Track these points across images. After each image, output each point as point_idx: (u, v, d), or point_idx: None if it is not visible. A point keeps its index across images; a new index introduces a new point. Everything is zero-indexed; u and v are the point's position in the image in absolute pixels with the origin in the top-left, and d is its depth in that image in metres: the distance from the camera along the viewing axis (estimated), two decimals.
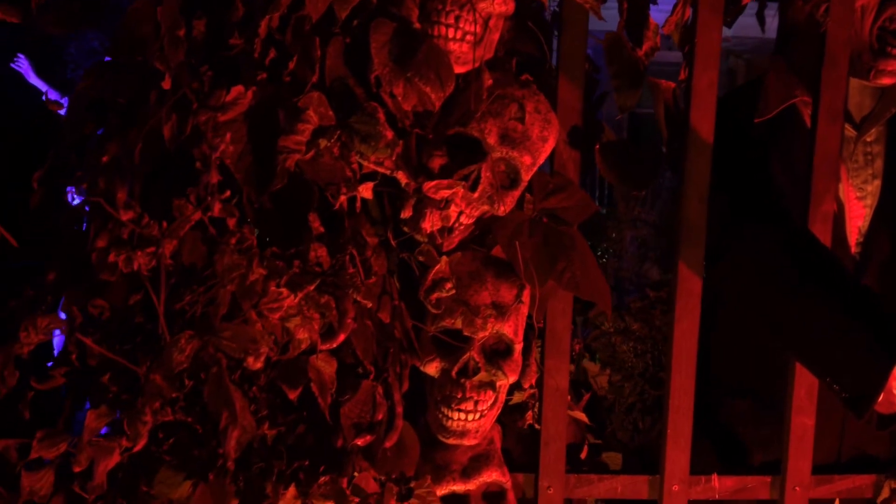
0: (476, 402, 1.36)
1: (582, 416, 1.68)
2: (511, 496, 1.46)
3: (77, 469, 0.91)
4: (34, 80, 5.47)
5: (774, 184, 1.69)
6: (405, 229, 1.36)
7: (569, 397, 1.64)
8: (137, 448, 0.90)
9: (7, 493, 1.00)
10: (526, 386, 1.62)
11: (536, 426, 1.64)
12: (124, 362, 0.91)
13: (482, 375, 1.31)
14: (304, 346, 1.07)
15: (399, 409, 1.24)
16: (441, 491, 1.39)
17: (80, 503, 0.94)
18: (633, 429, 5.12)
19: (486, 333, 1.31)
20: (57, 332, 1.12)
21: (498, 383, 1.36)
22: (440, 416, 1.37)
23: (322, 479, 1.02)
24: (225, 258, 0.93)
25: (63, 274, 0.98)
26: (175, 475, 0.97)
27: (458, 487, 1.39)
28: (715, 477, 1.64)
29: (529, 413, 1.68)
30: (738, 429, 1.74)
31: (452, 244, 1.38)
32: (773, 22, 1.76)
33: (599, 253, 7.02)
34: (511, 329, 1.36)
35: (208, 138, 1.07)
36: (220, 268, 0.92)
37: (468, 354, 1.34)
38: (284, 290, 0.97)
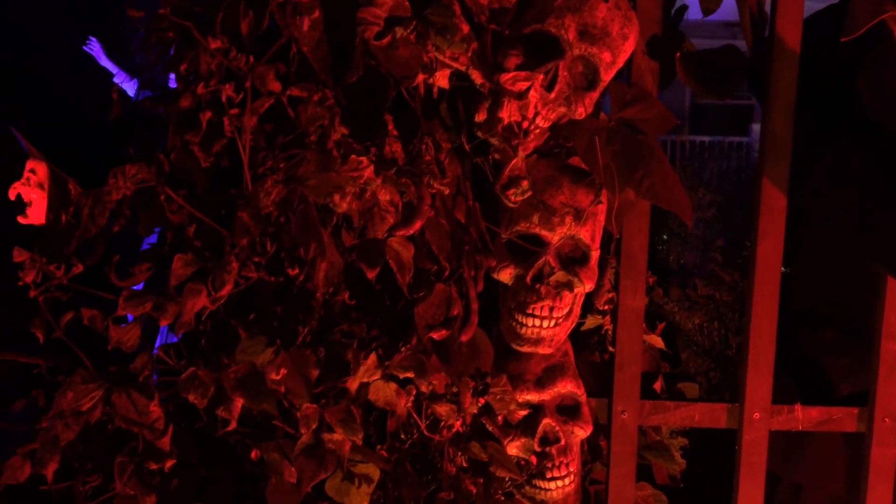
0: (551, 309, 1.32)
1: (658, 341, 1.63)
2: (586, 410, 1.42)
3: (163, 322, 0.91)
4: (105, 62, 5.63)
5: (862, 103, 1.61)
6: (479, 134, 1.33)
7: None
8: (222, 293, 0.90)
9: (93, 367, 1.01)
10: (600, 306, 1.58)
11: (611, 349, 1.60)
12: (208, 221, 0.91)
13: (559, 275, 1.27)
14: (384, 226, 1.05)
15: (474, 307, 1.22)
16: None
17: (162, 363, 0.95)
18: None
19: (564, 230, 1.28)
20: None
21: (574, 290, 1.33)
22: (514, 323, 1.35)
23: (403, 349, 1.01)
24: (308, 109, 0.92)
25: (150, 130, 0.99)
26: (256, 344, 0.97)
27: (532, 397, 1.36)
28: (798, 407, 1.57)
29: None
30: (822, 360, 1.66)
31: (528, 150, 1.35)
32: None
33: (665, 237, 6.89)
34: (588, 234, 1.32)
35: (287, 20, 1.06)
36: (303, 119, 0.91)
37: (543, 259, 1.31)
38: (364, 160, 0.95)
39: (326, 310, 1.01)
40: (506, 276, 1.34)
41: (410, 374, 1.02)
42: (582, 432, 1.41)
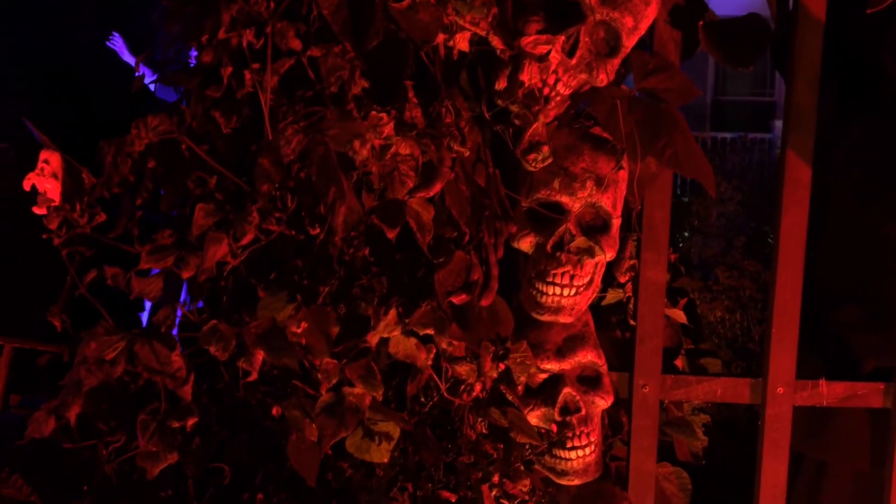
0: (572, 277, 1.32)
1: (680, 315, 1.62)
2: (606, 380, 1.41)
3: (186, 274, 0.92)
4: (127, 57, 5.68)
5: (888, 76, 1.59)
6: (499, 102, 1.33)
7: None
8: (243, 242, 0.90)
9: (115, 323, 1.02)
10: (621, 279, 1.57)
11: (632, 322, 1.58)
12: (230, 175, 0.91)
13: (580, 241, 1.26)
14: (404, 189, 1.05)
15: (494, 272, 1.22)
16: None
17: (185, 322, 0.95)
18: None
19: (585, 194, 1.27)
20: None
21: (595, 258, 1.32)
22: (534, 292, 1.34)
23: (424, 304, 1.01)
24: (329, 60, 0.92)
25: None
26: (277, 301, 0.97)
27: (553, 366, 1.36)
28: (823, 382, 1.55)
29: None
30: (847, 337, 1.64)
31: (549, 118, 1.34)
32: None
33: (686, 233, 6.83)
34: (609, 201, 1.31)
35: None
36: (323, 70, 0.91)
37: (564, 227, 1.30)
38: (384, 116, 0.95)
39: (347, 266, 1.02)
40: (526, 244, 1.34)
41: (430, 331, 1.02)
42: (603, 402, 1.40)
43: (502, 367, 1.20)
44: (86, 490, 1.21)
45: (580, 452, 1.36)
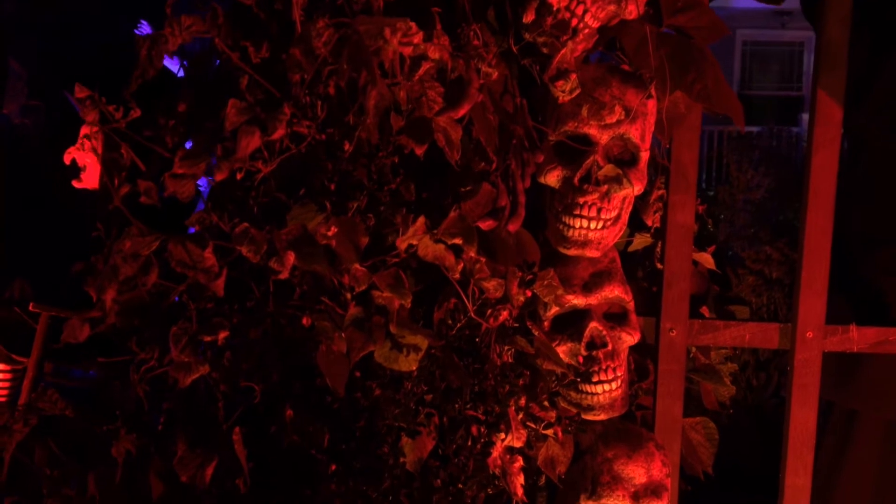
0: (599, 210, 1.31)
1: (708, 260, 1.61)
2: (633, 317, 1.41)
3: (219, 177, 0.93)
4: None
5: None
6: (526, 36, 1.33)
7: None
8: (275, 136, 0.91)
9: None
10: (649, 223, 1.57)
11: (659, 266, 1.58)
12: (261, 80, 0.92)
13: (608, 168, 1.26)
14: (433, 108, 1.06)
15: (522, 200, 1.22)
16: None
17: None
18: (746, 386, 4.90)
19: (614, 118, 1.27)
20: None
21: (622, 192, 1.31)
22: (561, 226, 1.34)
23: (452, 212, 1.01)
24: None
25: None
26: (307, 210, 0.98)
27: (579, 301, 1.36)
28: (853, 327, 1.53)
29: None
30: (880, 281, 1.62)
31: (577, 52, 1.34)
32: None
33: (711, 227, 6.77)
34: (638, 133, 1.31)
35: None
36: None
37: (592, 158, 1.30)
38: (413, 25, 0.96)
39: (375, 182, 1.02)
40: (553, 178, 1.34)
41: (458, 241, 1.02)
42: (629, 338, 1.39)
43: (529, 293, 1.20)
44: (118, 415, 1.23)
45: (606, 387, 1.36)
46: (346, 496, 1.11)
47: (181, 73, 1.11)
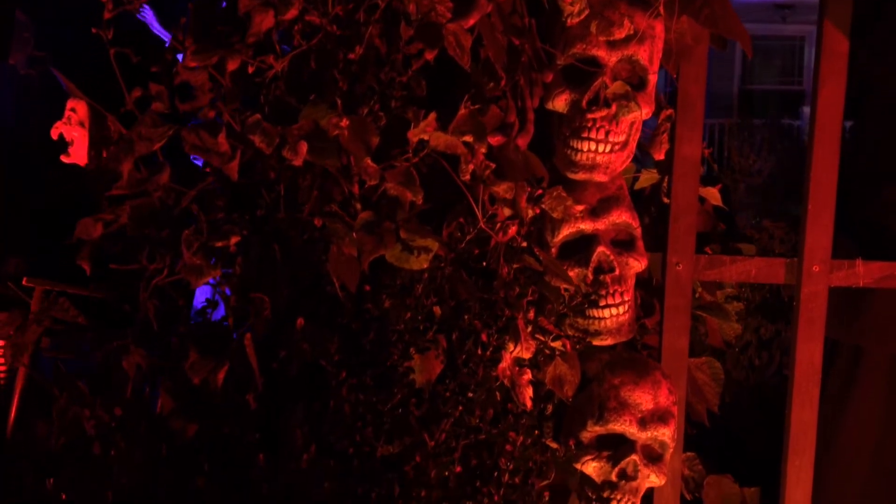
0: (607, 133, 1.32)
1: (714, 195, 1.62)
2: (640, 244, 1.41)
3: (231, 66, 0.93)
4: (157, 29, 5.75)
5: None
6: None
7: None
8: (288, 16, 0.92)
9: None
10: (656, 157, 1.57)
11: (665, 200, 1.58)
12: None
13: (616, 85, 1.27)
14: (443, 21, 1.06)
15: (530, 116, 1.23)
16: (569, 229, 1.36)
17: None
18: (748, 365, 4.91)
19: (623, 34, 1.27)
20: None
21: (630, 116, 1.32)
22: (568, 151, 1.34)
23: (462, 108, 1.02)
24: None
25: None
26: (318, 109, 0.99)
27: (587, 226, 1.36)
28: (859, 261, 1.53)
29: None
30: (886, 218, 1.62)
31: None
32: None
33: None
34: (646, 55, 1.31)
35: None
36: None
37: (600, 80, 1.30)
38: None
39: (385, 85, 1.03)
40: (561, 102, 1.34)
41: (469, 138, 1.03)
42: (637, 264, 1.40)
43: (538, 210, 1.21)
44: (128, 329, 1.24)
45: (614, 311, 1.36)
46: (356, 405, 1.11)
47: None
